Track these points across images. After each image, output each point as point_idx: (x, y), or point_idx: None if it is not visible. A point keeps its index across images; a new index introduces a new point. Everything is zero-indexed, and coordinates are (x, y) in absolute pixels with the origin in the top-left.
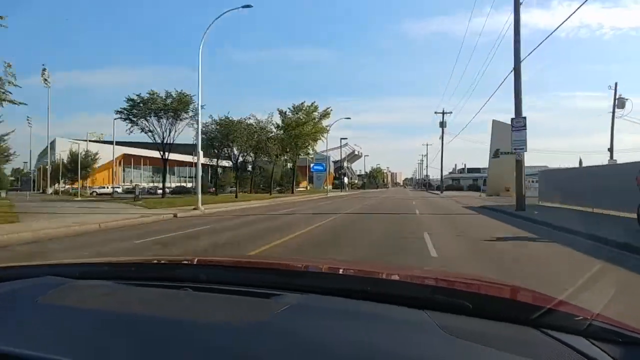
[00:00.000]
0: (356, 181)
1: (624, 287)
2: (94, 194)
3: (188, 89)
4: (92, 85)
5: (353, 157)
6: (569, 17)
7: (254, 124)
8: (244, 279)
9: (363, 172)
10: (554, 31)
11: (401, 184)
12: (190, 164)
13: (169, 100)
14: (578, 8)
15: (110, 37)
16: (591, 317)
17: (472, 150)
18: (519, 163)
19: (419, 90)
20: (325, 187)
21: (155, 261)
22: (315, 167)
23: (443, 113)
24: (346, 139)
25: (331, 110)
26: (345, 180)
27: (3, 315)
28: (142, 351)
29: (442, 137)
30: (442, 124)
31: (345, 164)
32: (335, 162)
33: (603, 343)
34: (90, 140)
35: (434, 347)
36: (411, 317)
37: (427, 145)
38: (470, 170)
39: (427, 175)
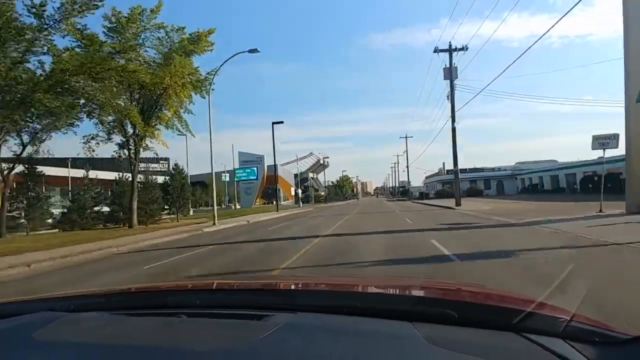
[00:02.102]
0: (322, 193)
1: None
2: None
3: None
4: None
5: (319, 167)
6: (553, 26)
7: None
8: (236, 301)
9: (332, 183)
10: (537, 41)
11: (372, 193)
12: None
13: None
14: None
15: None
16: (569, 318)
17: (445, 156)
18: None
19: (386, 100)
20: (260, 203)
21: (149, 289)
22: (240, 173)
23: (450, 50)
24: (280, 122)
25: (212, 33)
26: (293, 192)
27: (2, 353)
28: None
29: (451, 95)
30: (450, 70)
31: (310, 175)
32: (296, 175)
33: (581, 344)
34: None
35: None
36: (399, 330)
37: (406, 137)
38: (463, 170)
39: (407, 181)
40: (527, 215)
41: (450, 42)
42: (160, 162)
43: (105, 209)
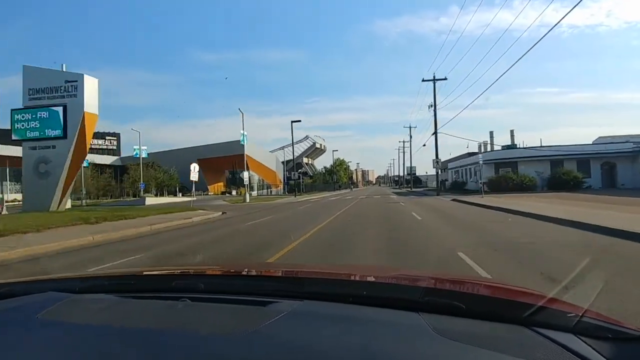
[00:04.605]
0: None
1: None
2: None
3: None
4: None
5: (314, 151)
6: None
7: None
8: (241, 287)
9: (324, 169)
10: (552, 28)
11: (374, 182)
12: None
13: None
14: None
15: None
16: (581, 314)
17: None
18: None
19: (389, 89)
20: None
21: (154, 273)
22: (22, 119)
23: None
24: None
25: None
26: (279, 178)
27: (5, 332)
28: None
29: None
30: None
31: (304, 160)
32: (285, 163)
33: (592, 340)
34: None
35: (428, 350)
36: (405, 320)
37: (433, 79)
38: (521, 147)
39: (435, 160)
40: None
41: None
42: (107, 137)
43: None
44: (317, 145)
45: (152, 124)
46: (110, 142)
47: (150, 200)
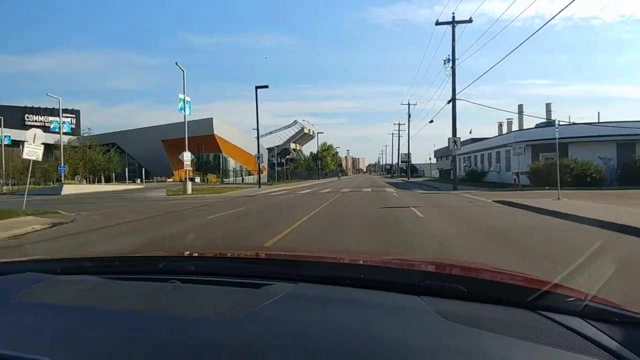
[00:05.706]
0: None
1: None
2: None
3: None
4: None
5: (303, 137)
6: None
7: None
8: (233, 270)
9: (310, 154)
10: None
11: (365, 170)
12: None
13: None
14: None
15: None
16: (586, 298)
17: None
18: None
19: (383, 76)
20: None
21: (140, 255)
22: None
23: None
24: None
25: None
26: (262, 164)
27: None
28: (125, 347)
29: None
30: None
31: (291, 146)
32: (270, 149)
33: (599, 323)
34: None
35: (431, 332)
36: (407, 303)
37: (452, 21)
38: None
39: (455, 140)
40: None
41: None
42: (65, 115)
43: None
44: (306, 131)
45: (142, 107)
46: (69, 119)
47: (69, 189)
